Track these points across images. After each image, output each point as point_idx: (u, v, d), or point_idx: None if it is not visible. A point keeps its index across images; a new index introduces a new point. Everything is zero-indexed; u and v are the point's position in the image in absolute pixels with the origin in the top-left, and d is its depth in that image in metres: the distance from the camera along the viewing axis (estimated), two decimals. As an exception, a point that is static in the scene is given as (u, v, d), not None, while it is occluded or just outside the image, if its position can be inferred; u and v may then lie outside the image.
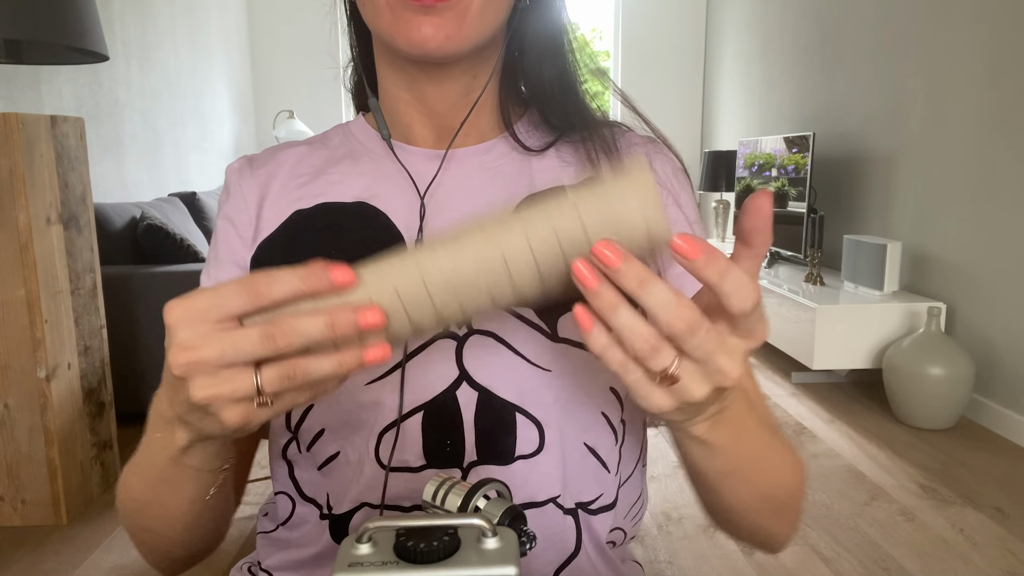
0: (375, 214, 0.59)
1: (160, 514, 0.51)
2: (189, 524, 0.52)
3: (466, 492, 0.31)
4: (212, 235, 0.63)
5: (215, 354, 0.35)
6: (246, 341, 0.35)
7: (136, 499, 0.52)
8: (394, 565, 0.28)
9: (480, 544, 0.29)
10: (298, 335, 0.35)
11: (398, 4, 0.51)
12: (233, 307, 0.36)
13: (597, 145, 0.61)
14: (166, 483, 0.48)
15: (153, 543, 0.55)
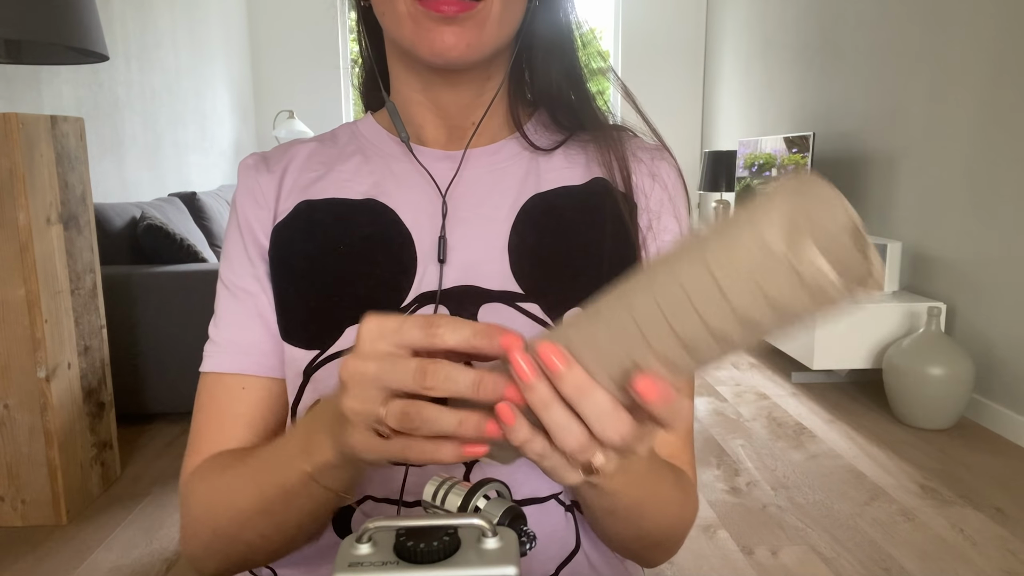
0: (383, 210, 0.60)
1: (264, 526, 0.51)
2: (289, 539, 0.52)
3: (466, 492, 0.31)
4: (228, 228, 0.64)
5: (375, 371, 0.37)
6: (404, 370, 0.36)
7: (241, 508, 0.51)
8: (394, 565, 0.28)
9: (480, 544, 0.29)
10: (447, 380, 0.36)
11: (420, 14, 0.52)
12: (412, 338, 0.37)
13: (607, 146, 0.62)
14: (287, 496, 0.48)
15: (228, 552, 0.54)
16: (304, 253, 0.59)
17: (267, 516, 0.50)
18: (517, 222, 0.59)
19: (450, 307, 0.56)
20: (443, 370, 0.36)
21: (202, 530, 0.55)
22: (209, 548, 0.55)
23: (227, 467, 0.55)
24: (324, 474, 0.45)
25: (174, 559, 1.76)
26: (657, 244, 0.61)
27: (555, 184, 0.61)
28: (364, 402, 0.37)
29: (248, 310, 0.60)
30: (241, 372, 0.59)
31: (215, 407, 0.60)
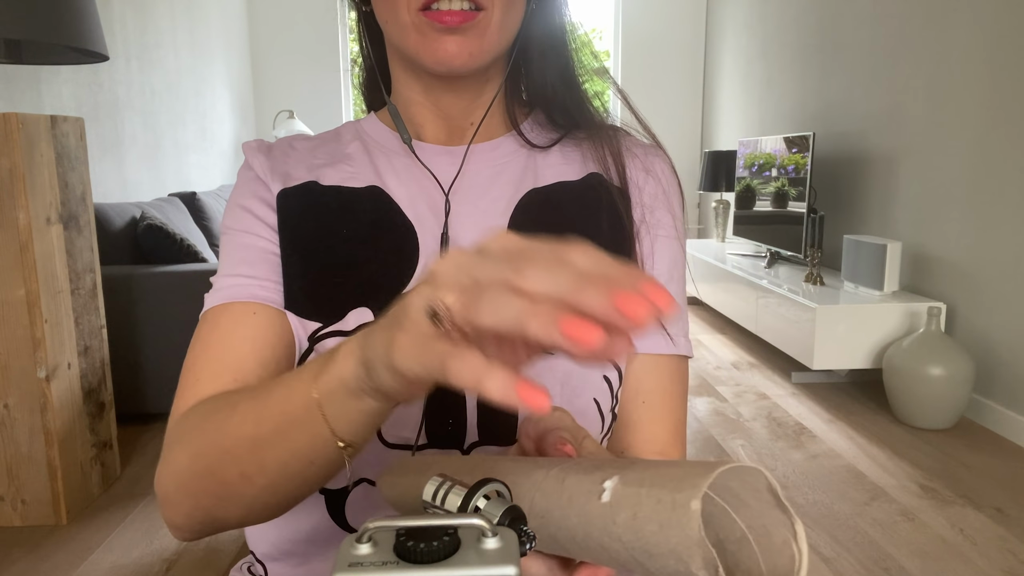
0: (387, 199, 0.61)
1: (249, 461, 0.44)
2: (270, 485, 0.45)
3: (466, 492, 0.32)
4: (232, 194, 0.63)
5: (471, 260, 0.30)
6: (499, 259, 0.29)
7: (230, 435, 0.45)
8: (394, 565, 0.28)
9: (480, 544, 0.29)
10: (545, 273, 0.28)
11: (424, 24, 0.53)
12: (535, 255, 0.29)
13: (601, 144, 0.64)
14: (284, 424, 0.42)
15: (201, 491, 0.47)
16: (309, 231, 0.60)
17: (255, 448, 0.44)
18: (515, 214, 0.61)
19: None
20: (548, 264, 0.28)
21: (180, 460, 0.48)
22: (180, 481, 0.48)
23: (227, 396, 0.49)
24: (332, 399, 0.38)
25: (174, 559, 1.76)
26: (651, 237, 0.62)
27: (552, 180, 0.63)
28: (440, 286, 0.31)
29: (259, 247, 0.59)
30: (252, 300, 0.56)
31: (218, 335, 0.55)
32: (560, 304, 0.27)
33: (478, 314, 0.29)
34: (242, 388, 0.50)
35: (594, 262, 0.29)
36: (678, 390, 0.62)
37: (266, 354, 0.55)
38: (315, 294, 0.58)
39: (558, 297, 0.28)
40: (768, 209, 3.81)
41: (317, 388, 0.39)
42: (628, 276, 0.28)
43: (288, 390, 0.42)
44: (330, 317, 0.57)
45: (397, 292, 0.58)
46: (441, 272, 0.31)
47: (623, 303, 0.27)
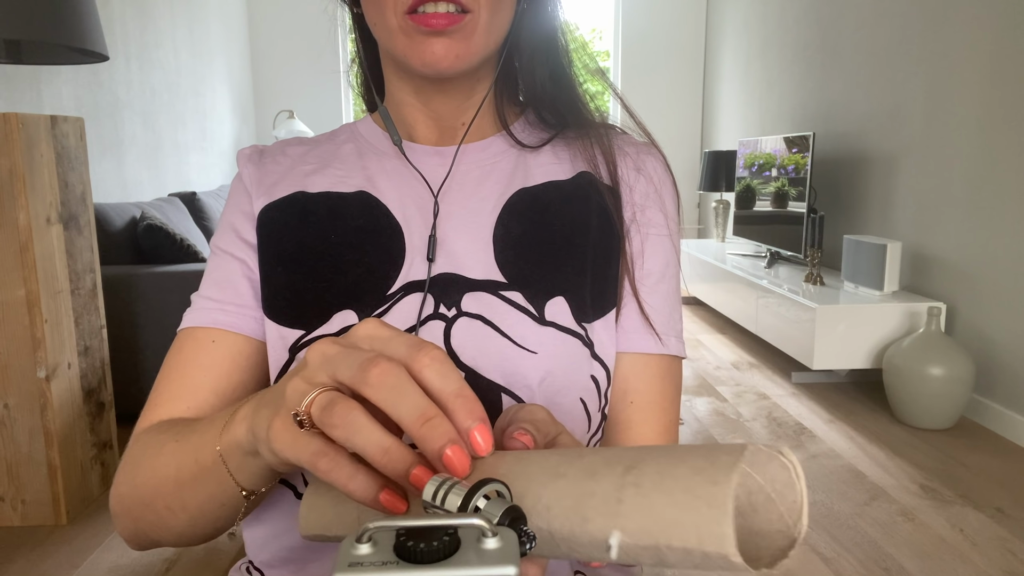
0: (375, 203, 0.61)
1: (172, 499, 0.50)
2: (191, 521, 0.51)
3: (466, 492, 0.31)
4: (225, 205, 0.66)
5: (333, 354, 0.35)
6: (356, 358, 0.34)
7: (159, 474, 0.50)
8: (394, 565, 0.28)
9: (480, 544, 0.29)
10: (392, 391, 0.33)
11: (410, 28, 0.54)
12: (395, 351, 0.35)
13: (591, 144, 0.64)
14: (197, 472, 0.47)
15: (138, 516, 0.53)
16: (296, 239, 0.61)
17: (176, 489, 0.49)
18: (503, 214, 0.61)
19: (435, 295, 0.58)
20: (395, 379, 0.33)
21: (125, 486, 0.54)
22: (124, 506, 0.54)
23: (167, 430, 0.53)
24: (232, 455, 0.43)
25: (174, 559, 1.76)
26: (641, 236, 0.62)
27: (542, 179, 0.63)
28: (305, 383, 0.35)
29: (232, 270, 0.62)
30: (213, 326, 0.60)
31: (180, 359, 0.59)
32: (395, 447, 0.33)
33: (331, 430, 0.33)
34: (177, 422, 0.54)
35: (441, 378, 0.33)
36: (669, 391, 0.62)
37: (221, 384, 0.59)
38: (300, 300, 0.59)
39: (403, 426, 0.32)
40: (768, 209, 3.81)
41: (220, 443, 0.44)
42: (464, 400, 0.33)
43: (201, 441, 0.46)
44: (314, 322, 0.58)
45: (382, 294, 0.58)
46: (309, 363, 0.36)
47: (448, 459, 0.32)
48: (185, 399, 0.58)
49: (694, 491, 0.28)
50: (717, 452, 0.30)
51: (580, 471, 0.32)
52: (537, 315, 0.57)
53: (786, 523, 0.32)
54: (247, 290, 0.61)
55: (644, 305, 0.61)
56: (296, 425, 0.35)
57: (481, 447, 0.33)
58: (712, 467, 0.29)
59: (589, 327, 0.59)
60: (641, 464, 0.31)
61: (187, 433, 0.49)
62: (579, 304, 0.59)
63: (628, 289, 0.61)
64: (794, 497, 0.32)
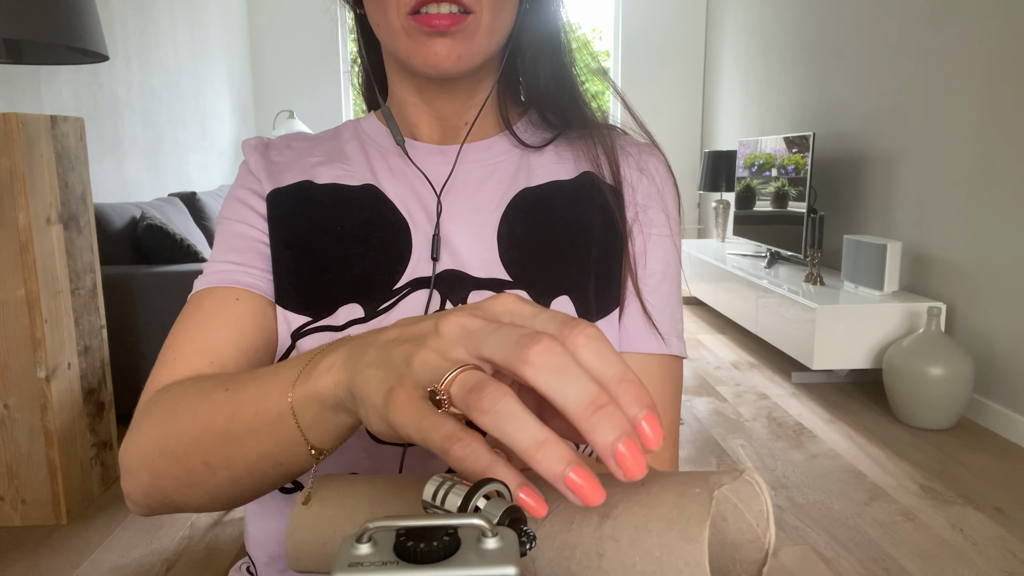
0: (381, 197, 0.62)
1: (215, 452, 0.44)
2: (232, 480, 0.45)
3: (466, 492, 0.31)
4: (231, 188, 0.65)
5: (477, 327, 0.31)
6: (509, 334, 0.30)
7: (201, 423, 0.44)
8: (394, 565, 0.28)
9: (480, 544, 0.29)
10: (554, 372, 0.28)
11: (413, 28, 0.54)
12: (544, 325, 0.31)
13: (594, 143, 0.64)
14: (255, 423, 0.41)
15: (164, 472, 0.47)
16: (303, 226, 0.61)
17: (224, 443, 0.43)
18: (507, 213, 0.61)
19: (442, 291, 0.58)
20: (559, 359, 0.28)
21: (148, 437, 0.48)
22: (145, 459, 0.47)
23: (201, 381, 0.48)
24: (307, 409, 0.38)
25: (174, 559, 1.76)
26: (644, 236, 0.62)
27: (545, 179, 0.63)
28: (439, 356, 0.31)
29: (250, 237, 0.61)
30: (236, 286, 0.57)
31: (200, 315, 0.56)
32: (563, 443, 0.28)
33: (479, 415, 0.29)
34: (216, 375, 0.49)
35: (600, 360, 0.29)
36: (669, 391, 0.62)
37: (245, 341, 0.56)
38: (306, 289, 0.59)
39: (567, 413, 0.28)
40: (768, 209, 3.81)
41: (293, 394, 0.39)
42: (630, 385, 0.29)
43: (263, 391, 0.41)
44: (320, 312, 0.58)
45: (388, 289, 0.58)
46: (444, 334, 0.32)
47: (622, 456, 0.27)
48: (209, 353, 0.54)
49: (671, 549, 0.29)
50: (686, 499, 0.30)
51: (558, 518, 0.32)
52: None
53: (756, 532, 0.33)
54: (266, 256, 0.60)
55: (647, 305, 0.61)
56: (430, 402, 0.31)
57: (651, 439, 0.29)
58: (684, 521, 0.29)
59: None
60: (615, 513, 0.31)
61: (241, 382, 0.44)
62: (583, 303, 0.59)
63: (631, 289, 0.61)
64: (760, 507, 0.32)
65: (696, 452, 2.39)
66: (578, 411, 0.28)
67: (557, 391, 0.28)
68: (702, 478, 0.30)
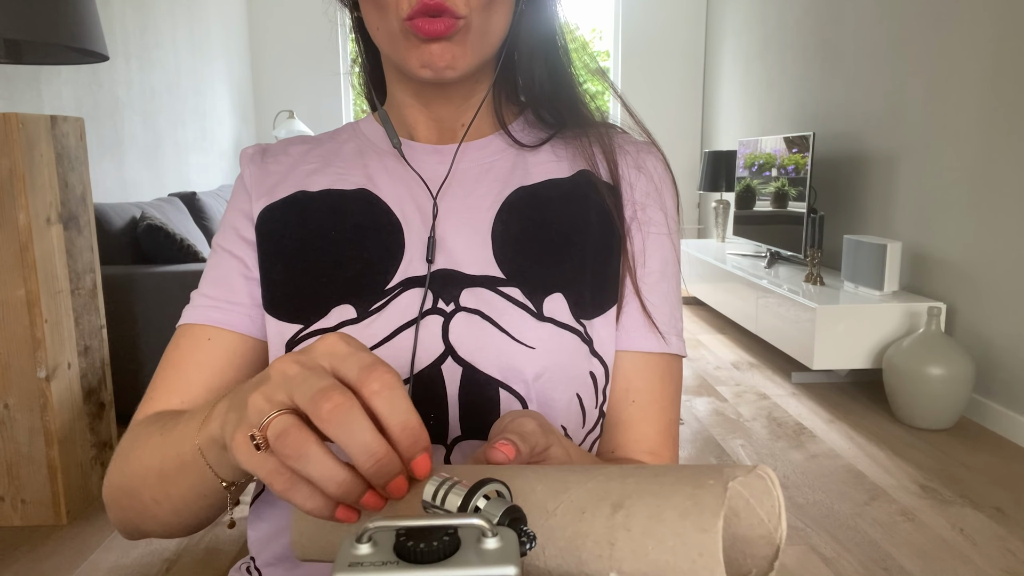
0: (375, 200, 0.62)
1: (157, 490, 0.51)
2: (176, 511, 0.51)
3: (466, 492, 0.32)
4: (228, 204, 0.67)
5: (293, 374, 0.36)
6: (312, 384, 0.34)
7: (146, 465, 0.51)
8: (394, 565, 0.28)
9: (480, 544, 0.29)
10: (344, 425, 0.33)
11: (408, 33, 0.54)
12: (346, 372, 0.36)
13: (591, 142, 0.64)
14: (179, 465, 0.47)
15: (126, 506, 0.54)
16: (296, 236, 0.61)
17: (160, 480, 0.50)
18: (501, 211, 0.61)
19: (434, 290, 0.58)
20: (344, 416, 0.33)
21: (115, 475, 0.55)
22: (114, 496, 0.55)
23: (155, 422, 0.54)
24: (210, 450, 0.44)
25: (174, 559, 1.76)
26: (643, 234, 0.63)
27: (542, 177, 0.63)
28: (265, 401, 0.36)
29: (229, 268, 0.63)
30: (210, 324, 0.61)
31: (177, 355, 0.61)
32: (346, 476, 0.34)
33: (284, 458, 0.34)
34: (164, 415, 0.55)
35: (389, 407, 0.34)
36: (669, 390, 0.62)
37: (214, 380, 0.60)
38: (298, 295, 0.59)
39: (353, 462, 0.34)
40: (768, 209, 3.81)
41: (199, 438, 0.44)
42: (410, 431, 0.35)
43: (182, 435, 0.47)
44: (312, 317, 0.58)
45: (380, 289, 0.58)
46: (271, 379, 0.36)
47: (392, 489, 0.35)
48: (179, 394, 0.59)
49: (685, 538, 0.29)
50: (701, 490, 0.30)
51: (568, 508, 0.33)
52: (535, 311, 0.57)
53: (767, 528, 0.33)
54: (243, 288, 0.62)
55: (646, 303, 0.61)
56: (252, 444, 0.36)
57: (420, 475, 0.35)
58: (698, 511, 0.30)
59: (588, 324, 0.59)
60: (628, 503, 0.31)
61: (171, 425, 0.50)
62: (578, 301, 0.59)
63: (630, 288, 0.61)
64: (772, 503, 0.33)
65: (696, 452, 2.39)
66: (360, 462, 0.34)
67: (344, 444, 0.33)
68: (716, 471, 0.31)
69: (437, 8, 0.52)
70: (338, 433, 0.33)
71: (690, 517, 0.30)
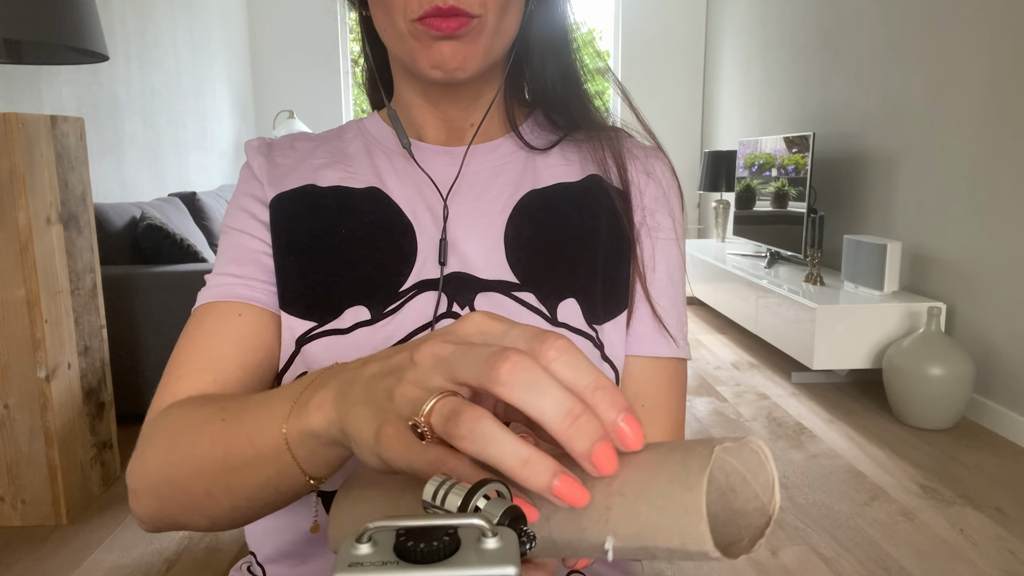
0: (386, 199, 0.61)
1: (217, 483, 0.45)
2: (236, 507, 0.46)
3: (466, 492, 0.32)
4: (234, 193, 0.65)
5: (449, 353, 0.32)
6: (478, 355, 0.30)
7: (201, 455, 0.45)
8: (394, 565, 0.28)
9: (480, 544, 0.29)
10: (530, 388, 0.29)
11: (419, 32, 0.53)
12: (514, 342, 0.32)
13: (601, 146, 0.64)
14: (253, 458, 0.42)
15: (170, 499, 0.48)
16: (306, 231, 0.60)
17: (223, 473, 0.44)
18: (513, 215, 0.61)
19: (448, 294, 0.58)
20: (530, 375, 0.29)
21: (151, 463, 0.49)
22: (149, 484, 0.49)
23: (204, 405, 0.49)
24: (302, 444, 0.39)
25: (174, 559, 1.76)
26: (652, 240, 0.63)
27: (552, 181, 0.63)
28: (418, 388, 0.32)
29: (251, 248, 0.61)
30: (237, 300, 0.58)
31: (203, 331, 0.56)
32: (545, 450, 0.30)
33: (459, 441, 0.30)
34: (212, 399, 0.50)
35: (573, 371, 0.30)
36: (676, 392, 0.62)
37: (248, 357, 0.56)
38: (311, 293, 0.59)
39: (545, 426, 0.29)
40: (768, 209, 3.81)
41: (287, 430, 0.40)
42: (605, 392, 0.30)
43: (258, 424, 0.42)
44: (326, 316, 0.58)
45: (394, 291, 0.58)
46: (419, 364, 0.33)
47: (597, 458, 0.29)
48: (211, 371, 0.55)
49: (672, 497, 0.31)
50: (690, 456, 0.32)
51: None
52: (549, 316, 0.57)
53: (762, 501, 0.35)
54: (268, 267, 0.60)
55: (657, 308, 0.61)
56: (414, 436, 0.32)
57: (630, 439, 0.30)
58: (686, 473, 0.31)
59: (600, 329, 0.59)
60: (624, 472, 0.32)
61: (236, 412, 0.45)
62: (590, 306, 0.59)
63: (640, 293, 0.61)
64: (766, 476, 0.35)
65: (696, 452, 2.39)
66: (555, 424, 0.29)
67: (532, 406, 0.29)
68: (707, 440, 0.33)
69: (451, 10, 0.52)
70: (524, 396, 0.29)
71: (678, 479, 0.31)
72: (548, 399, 0.29)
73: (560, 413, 0.29)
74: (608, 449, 0.29)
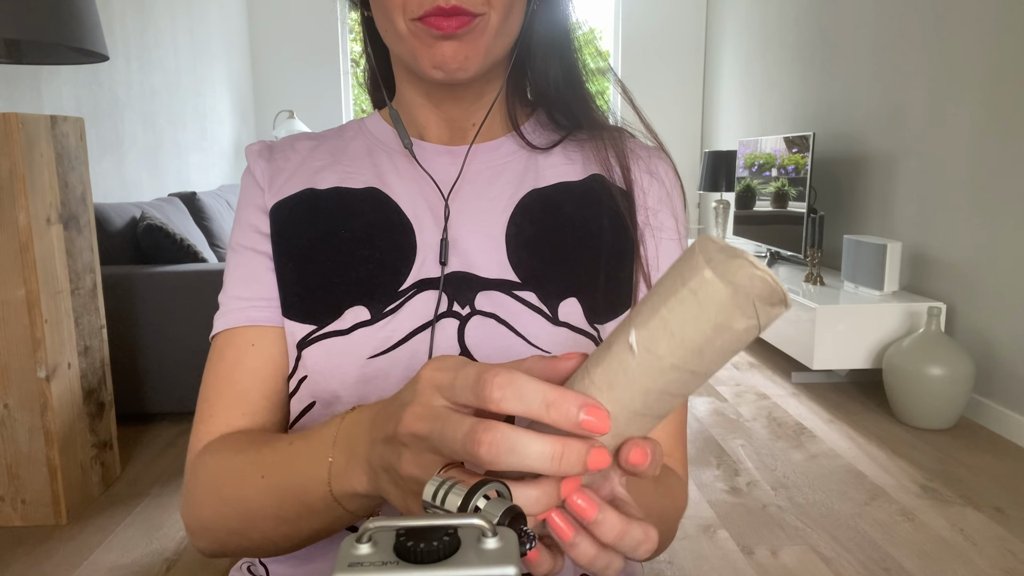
0: (386, 199, 0.61)
1: (273, 530, 0.50)
2: (295, 545, 0.51)
3: (466, 492, 0.32)
4: (238, 202, 0.66)
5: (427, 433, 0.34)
6: (454, 434, 0.33)
7: (252, 508, 0.50)
8: (394, 565, 0.28)
9: (480, 544, 0.29)
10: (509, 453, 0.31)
11: (421, 31, 0.53)
12: (464, 399, 0.34)
13: (604, 146, 0.64)
14: (307, 511, 0.47)
15: (227, 541, 0.53)
16: (306, 235, 0.61)
17: (277, 523, 0.49)
18: (515, 214, 0.61)
19: (449, 293, 0.58)
20: (504, 440, 0.31)
21: (205, 510, 0.54)
22: (207, 528, 0.54)
23: (241, 453, 0.53)
24: (351, 500, 0.44)
25: (174, 559, 1.76)
26: (655, 240, 0.62)
27: (554, 180, 0.63)
28: (420, 468, 0.35)
29: (256, 265, 0.62)
30: (250, 324, 0.60)
31: (224, 367, 0.59)
32: None
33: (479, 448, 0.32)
34: (246, 447, 0.54)
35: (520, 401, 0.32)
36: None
37: (268, 385, 0.59)
38: (311, 296, 0.59)
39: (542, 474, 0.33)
40: (768, 209, 3.81)
41: (333, 490, 0.44)
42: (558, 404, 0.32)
43: (302, 485, 0.46)
44: (326, 318, 0.58)
45: (394, 291, 0.58)
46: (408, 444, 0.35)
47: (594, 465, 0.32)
48: (238, 406, 0.58)
49: (670, 271, 0.32)
50: (680, 262, 0.33)
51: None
52: (550, 315, 0.57)
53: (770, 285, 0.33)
54: (273, 283, 0.61)
55: None
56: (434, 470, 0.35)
57: (595, 425, 0.32)
58: (679, 273, 0.32)
59: (601, 328, 0.59)
60: (635, 313, 0.34)
61: (273, 469, 0.49)
62: (592, 305, 0.59)
63: (644, 293, 0.61)
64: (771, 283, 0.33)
65: (696, 452, 2.39)
66: (548, 471, 0.32)
67: (520, 466, 0.32)
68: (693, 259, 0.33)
69: (453, 9, 0.51)
70: (509, 461, 0.31)
71: (676, 268, 0.32)
72: (530, 456, 0.31)
73: (546, 462, 0.31)
74: (597, 455, 0.32)
